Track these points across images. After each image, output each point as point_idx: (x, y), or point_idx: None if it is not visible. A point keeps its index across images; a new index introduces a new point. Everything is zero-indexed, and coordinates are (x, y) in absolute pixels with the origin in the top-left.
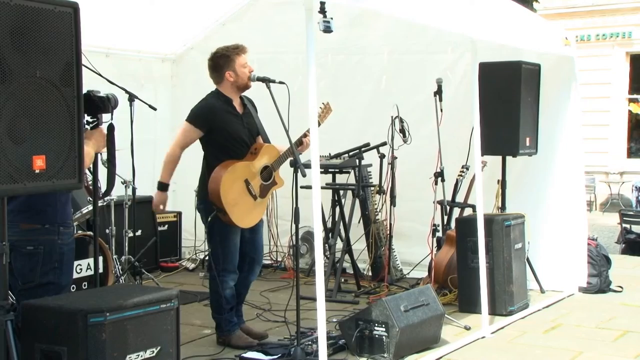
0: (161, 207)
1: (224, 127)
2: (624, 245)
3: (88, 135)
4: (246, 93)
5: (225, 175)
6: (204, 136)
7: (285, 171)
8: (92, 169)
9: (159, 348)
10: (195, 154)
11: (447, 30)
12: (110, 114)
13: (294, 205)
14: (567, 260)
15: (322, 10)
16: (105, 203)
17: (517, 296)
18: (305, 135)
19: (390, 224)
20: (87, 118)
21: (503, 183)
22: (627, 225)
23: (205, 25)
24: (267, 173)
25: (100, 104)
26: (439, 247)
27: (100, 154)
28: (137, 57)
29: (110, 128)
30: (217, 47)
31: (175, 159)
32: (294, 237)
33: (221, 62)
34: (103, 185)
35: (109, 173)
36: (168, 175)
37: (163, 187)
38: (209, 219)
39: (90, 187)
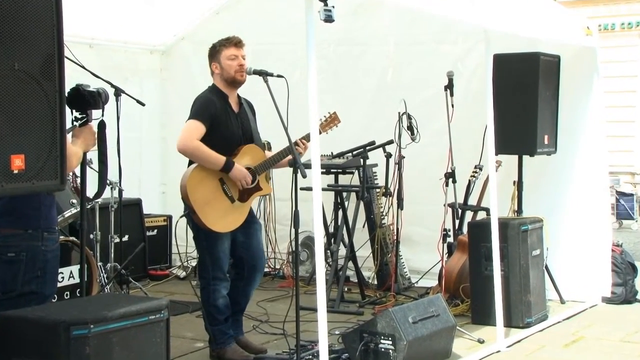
0: (248, 179)
1: (219, 123)
2: None
3: (77, 133)
4: (241, 88)
5: (194, 172)
6: None
7: (284, 172)
8: (80, 170)
9: None
10: None
11: (457, 19)
12: (101, 110)
13: (293, 209)
14: (589, 268)
15: None
16: (89, 206)
17: (535, 307)
18: (297, 144)
19: (398, 229)
20: (75, 114)
21: (519, 184)
22: None
23: (197, 14)
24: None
25: (90, 99)
26: (449, 253)
27: (85, 153)
28: (123, 49)
29: (101, 125)
30: (209, 37)
31: (200, 145)
32: (293, 243)
33: (210, 53)
34: (89, 187)
35: (100, 174)
36: (219, 155)
37: (231, 162)
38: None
39: (79, 189)
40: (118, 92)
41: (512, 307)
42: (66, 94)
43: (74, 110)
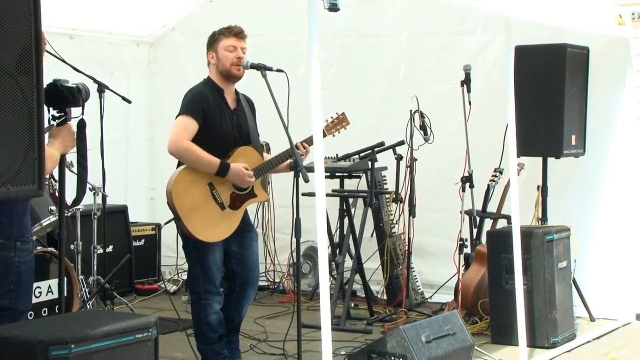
0: (249, 178)
1: (212, 120)
2: None
3: (54, 133)
4: (238, 83)
5: (181, 174)
6: None
7: (284, 176)
8: (59, 174)
9: None
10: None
11: (477, 7)
12: (81, 108)
13: (295, 216)
14: (621, 282)
15: None
16: (70, 214)
17: (562, 325)
18: (297, 148)
19: (409, 238)
20: (53, 112)
21: (544, 189)
22: None
23: (189, 2)
24: None
25: (69, 96)
26: (467, 265)
27: (63, 155)
28: (107, 40)
29: (81, 125)
30: (202, 28)
31: (192, 146)
32: (294, 254)
33: (208, 42)
34: (68, 192)
35: (79, 178)
36: (212, 157)
37: (226, 165)
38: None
39: (56, 195)
40: (102, 88)
41: (536, 325)
42: None
43: (51, 108)
